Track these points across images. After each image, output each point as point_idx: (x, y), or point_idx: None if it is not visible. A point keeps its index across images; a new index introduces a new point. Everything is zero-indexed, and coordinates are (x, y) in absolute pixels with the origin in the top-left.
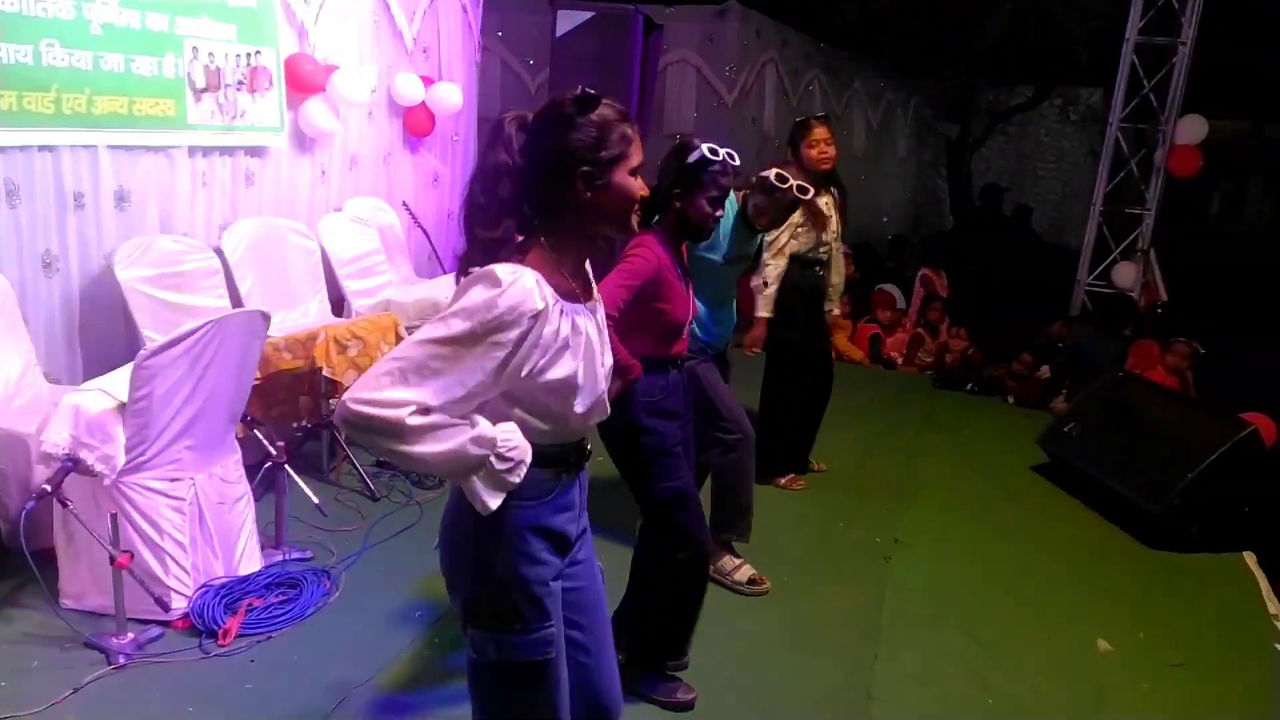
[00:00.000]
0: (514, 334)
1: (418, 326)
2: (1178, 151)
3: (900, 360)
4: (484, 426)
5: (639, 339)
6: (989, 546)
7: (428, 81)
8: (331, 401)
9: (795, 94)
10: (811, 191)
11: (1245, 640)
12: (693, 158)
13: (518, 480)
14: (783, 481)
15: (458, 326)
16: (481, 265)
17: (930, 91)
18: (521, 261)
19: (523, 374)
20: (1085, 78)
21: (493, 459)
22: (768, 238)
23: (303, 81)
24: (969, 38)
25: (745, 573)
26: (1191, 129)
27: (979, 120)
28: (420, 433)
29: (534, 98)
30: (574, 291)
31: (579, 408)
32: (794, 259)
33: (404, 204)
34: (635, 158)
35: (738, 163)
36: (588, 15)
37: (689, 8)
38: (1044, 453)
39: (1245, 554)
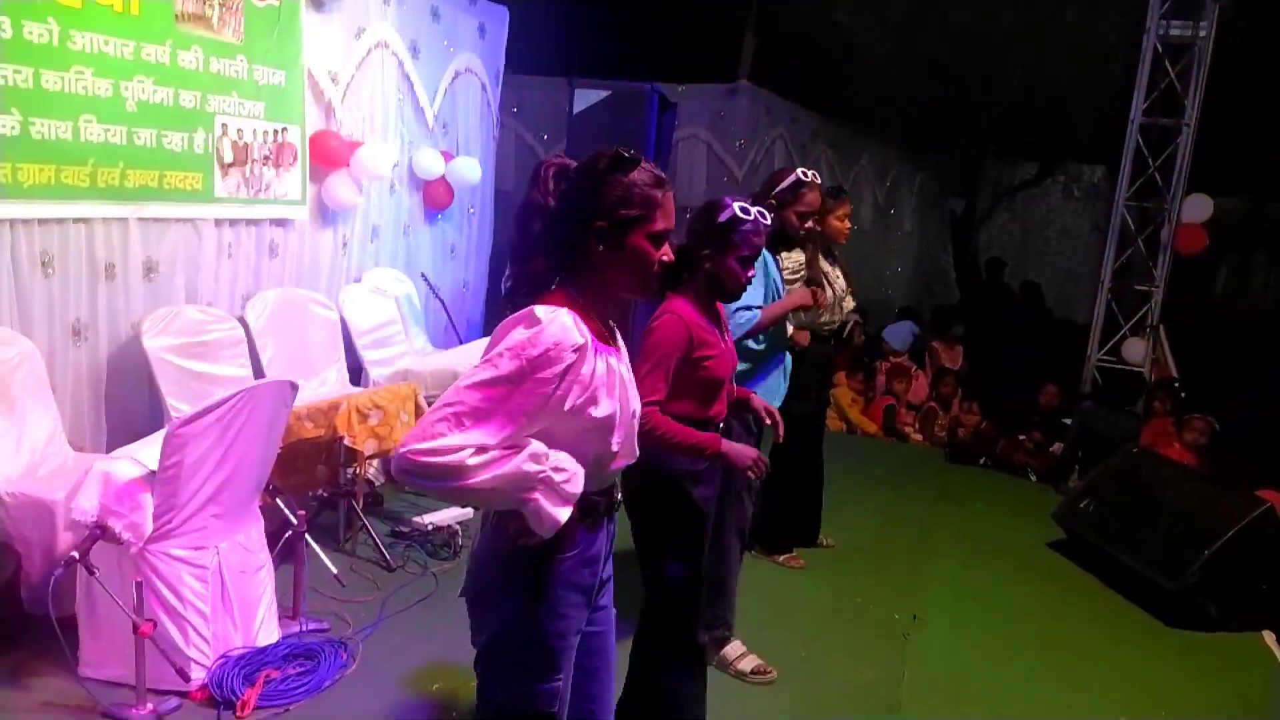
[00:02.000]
0: (558, 369)
1: (435, 396)
2: (1184, 230)
3: (913, 434)
4: (535, 445)
5: (680, 401)
6: (1007, 622)
7: (447, 156)
8: (349, 470)
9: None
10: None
11: None
12: (723, 217)
13: (577, 490)
14: (781, 559)
15: (505, 366)
16: (517, 301)
17: (936, 167)
18: (549, 302)
19: (565, 408)
20: (1088, 155)
21: (549, 471)
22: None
23: (328, 156)
24: (976, 115)
25: (750, 663)
26: (1197, 208)
27: (984, 196)
28: (479, 468)
29: None
30: (604, 334)
31: (614, 445)
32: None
33: (422, 275)
34: (660, 223)
35: (769, 221)
36: (604, 94)
37: (701, 86)
38: (1060, 528)
39: (1264, 633)
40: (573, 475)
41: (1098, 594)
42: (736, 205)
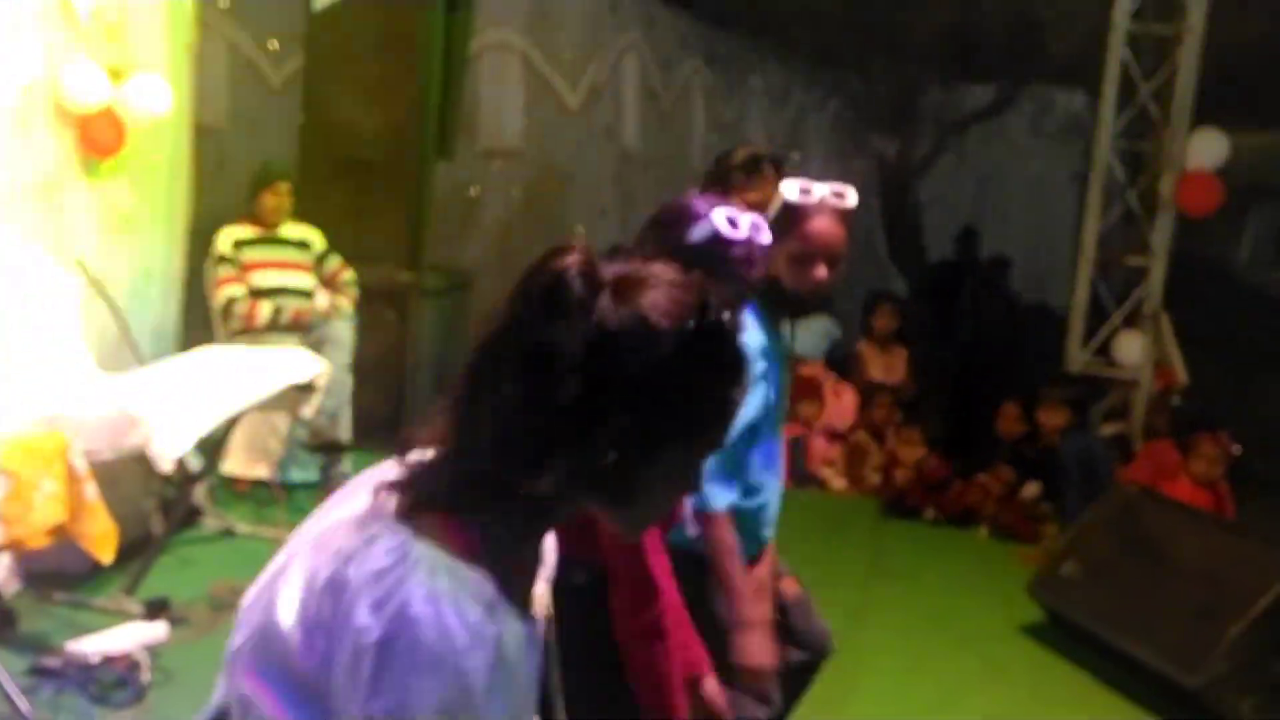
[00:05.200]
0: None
1: (99, 451)
2: (1190, 180)
3: (835, 478)
4: None
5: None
6: None
7: (115, 75)
8: None
9: (668, 95)
10: None
11: None
12: (698, 234)
13: None
14: None
15: None
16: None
17: (856, 92)
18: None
19: None
20: (1063, 75)
21: None
22: None
23: None
24: (910, 21)
25: None
26: (1207, 149)
27: (923, 132)
28: None
29: (280, 97)
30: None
31: None
32: None
33: (78, 261)
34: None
35: (767, 238)
36: None
37: None
38: (1039, 606)
39: None
40: None
41: (1093, 698)
42: (717, 214)
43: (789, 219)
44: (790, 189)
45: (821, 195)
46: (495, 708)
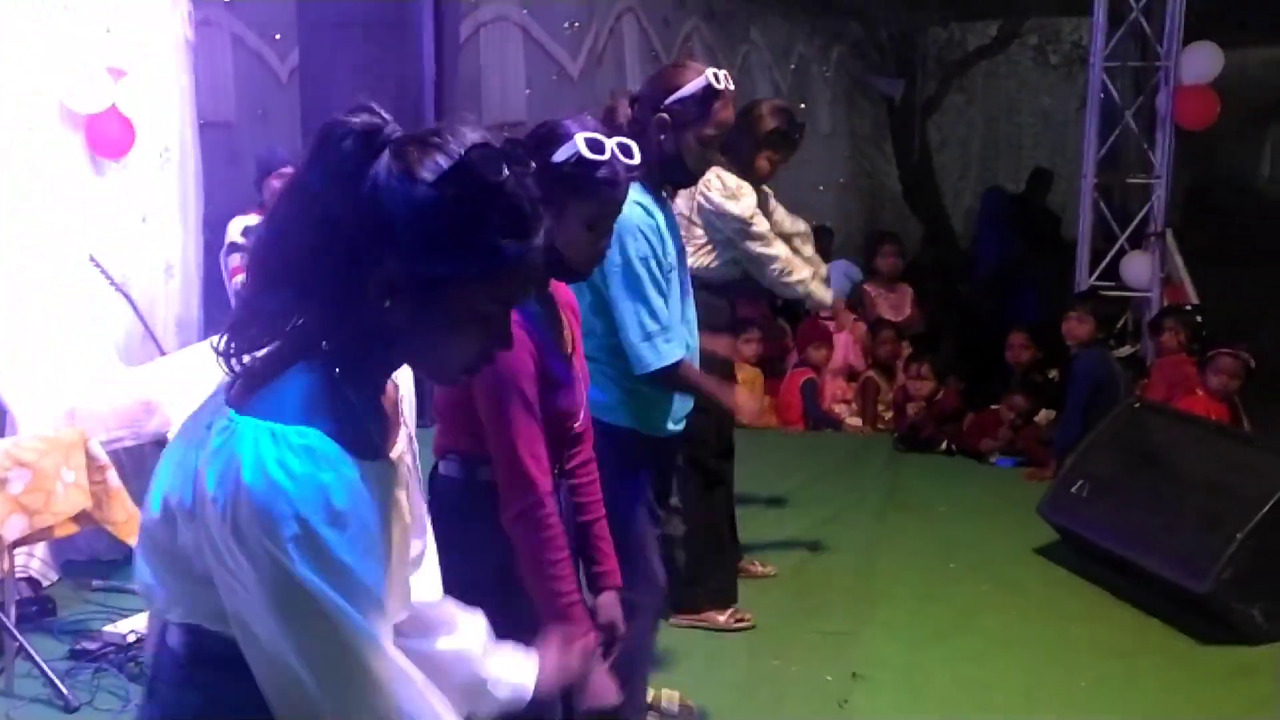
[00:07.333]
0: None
1: (120, 439)
2: (1185, 94)
3: (850, 417)
4: None
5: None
6: (984, 667)
7: (116, 74)
8: None
9: (669, 54)
10: None
11: None
12: (562, 155)
13: None
14: (724, 619)
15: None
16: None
17: (857, 38)
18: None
19: None
20: (1064, 5)
21: None
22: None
23: None
24: None
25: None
26: (1201, 63)
27: (928, 73)
28: None
29: (286, 88)
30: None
31: None
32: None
33: (91, 257)
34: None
35: (635, 159)
36: None
37: None
38: (1049, 525)
39: None
40: None
41: (1104, 611)
42: (581, 136)
43: (706, 105)
44: (712, 77)
45: (730, 87)
46: (345, 537)
